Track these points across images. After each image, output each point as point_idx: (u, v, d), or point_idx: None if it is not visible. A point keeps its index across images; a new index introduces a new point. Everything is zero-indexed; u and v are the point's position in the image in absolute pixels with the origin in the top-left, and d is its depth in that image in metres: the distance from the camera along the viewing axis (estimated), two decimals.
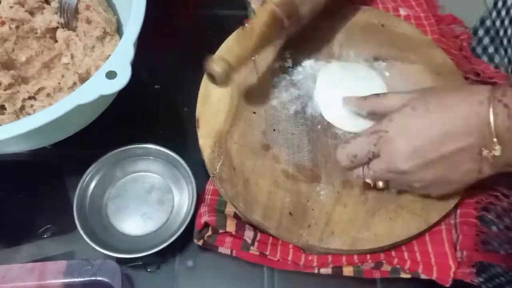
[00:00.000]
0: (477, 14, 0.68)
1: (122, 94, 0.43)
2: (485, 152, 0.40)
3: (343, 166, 0.46)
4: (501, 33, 0.58)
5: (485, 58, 0.62)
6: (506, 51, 0.58)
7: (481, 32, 0.62)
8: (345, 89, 0.51)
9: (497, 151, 0.39)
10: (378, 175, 0.44)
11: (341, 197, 0.46)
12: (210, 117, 0.49)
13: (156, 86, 0.57)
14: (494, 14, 0.60)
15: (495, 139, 0.39)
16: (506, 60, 0.58)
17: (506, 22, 0.57)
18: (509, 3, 0.57)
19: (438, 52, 0.54)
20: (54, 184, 0.51)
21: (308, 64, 0.54)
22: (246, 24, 0.55)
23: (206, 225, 0.45)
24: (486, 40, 0.62)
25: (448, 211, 0.46)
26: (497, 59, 0.61)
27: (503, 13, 0.58)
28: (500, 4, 0.59)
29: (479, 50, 0.62)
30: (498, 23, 0.59)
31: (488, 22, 0.61)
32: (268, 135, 0.49)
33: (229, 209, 0.47)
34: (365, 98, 0.48)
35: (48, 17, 0.50)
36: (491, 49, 0.61)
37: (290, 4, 0.46)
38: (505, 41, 0.58)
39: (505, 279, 0.50)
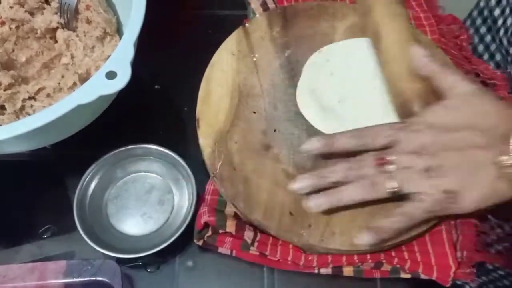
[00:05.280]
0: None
1: (122, 94, 0.43)
2: (503, 158, 0.40)
3: (339, 145, 0.44)
4: (500, 22, 0.58)
5: (481, 47, 0.62)
6: (501, 40, 0.58)
7: (478, 21, 0.62)
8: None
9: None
10: (398, 157, 0.42)
11: None
12: (210, 117, 0.49)
13: (156, 86, 0.57)
14: (493, 1, 0.60)
15: None
16: (503, 49, 0.58)
17: (507, 11, 0.57)
18: None
19: (438, 52, 0.54)
20: (54, 184, 0.51)
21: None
22: (246, 24, 0.55)
23: (206, 225, 0.45)
24: (483, 29, 0.61)
25: None
26: (493, 47, 0.61)
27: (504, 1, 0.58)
28: None
29: (475, 39, 0.62)
30: (498, 11, 0.59)
31: (485, 12, 0.61)
32: (268, 135, 0.49)
33: (229, 209, 0.47)
34: (430, 59, 0.46)
35: (48, 18, 0.51)
36: (487, 38, 0.61)
37: None
38: (501, 30, 0.57)
39: (506, 280, 0.50)
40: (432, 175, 0.41)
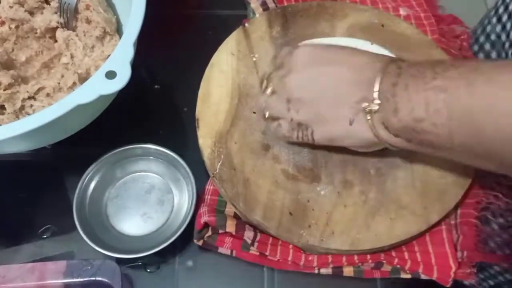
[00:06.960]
0: (477, 13, 0.68)
1: (121, 94, 0.43)
2: (364, 104, 0.40)
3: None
4: (503, 37, 0.58)
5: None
6: (507, 55, 0.57)
7: (482, 39, 0.62)
8: None
9: (375, 105, 0.39)
10: (269, 104, 0.46)
11: (341, 197, 0.46)
12: (210, 117, 0.49)
13: (156, 86, 0.57)
14: (494, 19, 0.60)
15: (376, 94, 0.39)
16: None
17: (508, 26, 0.57)
18: (510, 8, 0.57)
19: (438, 52, 0.54)
20: (54, 184, 0.51)
21: None
22: (246, 24, 0.55)
23: (206, 225, 0.45)
24: (487, 46, 0.61)
25: (448, 211, 0.46)
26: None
27: (505, 17, 0.58)
28: (501, 9, 0.59)
29: (480, 55, 0.62)
30: (499, 28, 0.59)
31: (489, 28, 0.61)
32: (268, 135, 0.49)
33: (229, 209, 0.47)
34: None
35: (47, 17, 0.50)
36: (493, 55, 0.61)
37: None
38: (506, 45, 0.57)
39: (505, 279, 0.50)
40: (290, 106, 0.44)
